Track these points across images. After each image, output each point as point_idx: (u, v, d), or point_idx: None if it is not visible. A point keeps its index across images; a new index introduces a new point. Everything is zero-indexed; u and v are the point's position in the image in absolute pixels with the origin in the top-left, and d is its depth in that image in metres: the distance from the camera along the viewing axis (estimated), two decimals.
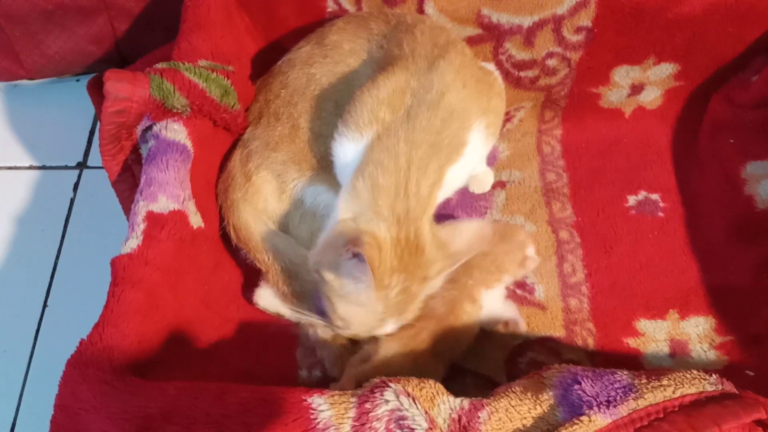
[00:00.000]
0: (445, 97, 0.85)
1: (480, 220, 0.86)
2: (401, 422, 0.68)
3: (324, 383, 0.95)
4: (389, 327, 0.86)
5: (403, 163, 0.82)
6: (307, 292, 0.93)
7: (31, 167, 1.30)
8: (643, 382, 0.70)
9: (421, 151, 0.83)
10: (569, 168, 1.15)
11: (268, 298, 0.98)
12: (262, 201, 0.96)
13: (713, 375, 0.71)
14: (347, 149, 0.88)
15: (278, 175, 0.96)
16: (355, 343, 0.94)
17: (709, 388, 0.70)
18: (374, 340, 0.91)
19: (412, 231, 0.81)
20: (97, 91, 0.98)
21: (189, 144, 0.91)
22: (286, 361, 0.98)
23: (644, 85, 1.15)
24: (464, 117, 0.87)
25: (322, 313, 0.89)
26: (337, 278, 0.82)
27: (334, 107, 0.95)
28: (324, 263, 0.83)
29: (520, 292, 1.02)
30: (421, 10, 1.08)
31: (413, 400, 0.69)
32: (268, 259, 0.94)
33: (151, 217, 0.83)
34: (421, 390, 0.72)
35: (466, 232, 0.84)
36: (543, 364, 0.83)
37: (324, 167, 0.95)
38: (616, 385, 0.70)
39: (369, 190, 0.82)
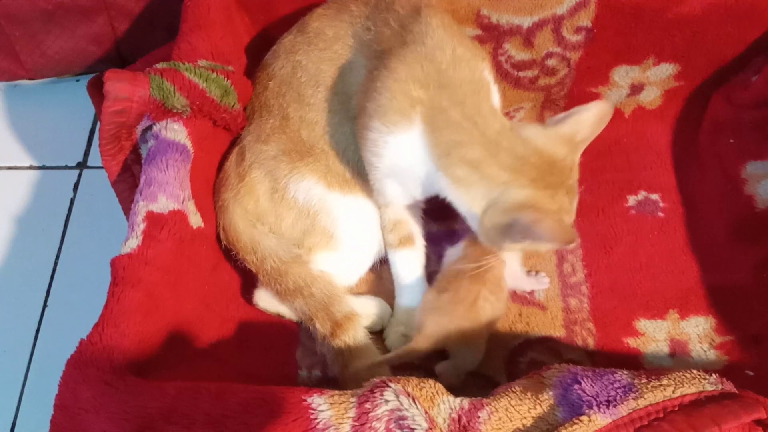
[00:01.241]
0: (457, 51, 0.87)
1: (597, 102, 0.87)
2: (401, 422, 0.68)
3: (324, 383, 0.95)
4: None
5: (469, 124, 0.84)
6: (299, 289, 0.93)
7: (31, 167, 1.30)
8: (643, 381, 0.70)
9: (468, 98, 0.85)
10: None
11: (267, 299, 0.98)
12: (254, 202, 0.96)
13: (713, 375, 0.71)
14: (400, 141, 0.87)
15: (270, 172, 0.96)
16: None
17: (709, 388, 0.70)
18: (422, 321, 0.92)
19: (534, 158, 0.83)
20: (97, 91, 0.98)
21: (189, 144, 0.91)
22: (286, 361, 0.98)
23: (644, 85, 1.15)
24: (476, 62, 0.88)
25: None
26: (540, 245, 0.87)
27: (325, 92, 0.95)
28: (517, 247, 0.90)
29: (520, 292, 1.02)
30: None
31: (413, 399, 0.69)
32: (257, 259, 0.94)
33: (151, 217, 0.83)
34: (421, 390, 0.72)
35: (587, 120, 0.86)
36: (543, 364, 0.83)
37: (314, 156, 0.95)
38: (616, 385, 0.70)
39: (472, 171, 0.84)
